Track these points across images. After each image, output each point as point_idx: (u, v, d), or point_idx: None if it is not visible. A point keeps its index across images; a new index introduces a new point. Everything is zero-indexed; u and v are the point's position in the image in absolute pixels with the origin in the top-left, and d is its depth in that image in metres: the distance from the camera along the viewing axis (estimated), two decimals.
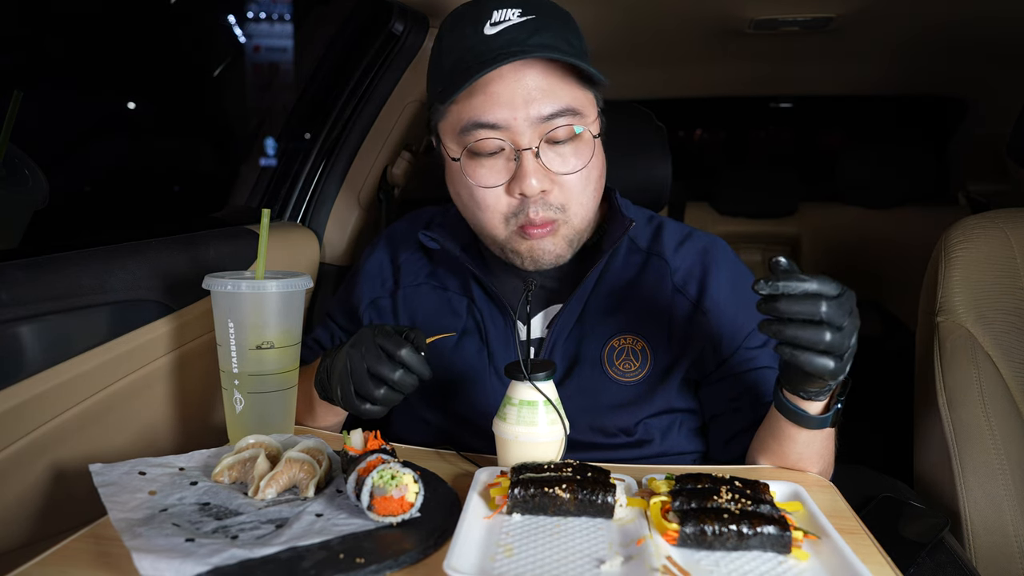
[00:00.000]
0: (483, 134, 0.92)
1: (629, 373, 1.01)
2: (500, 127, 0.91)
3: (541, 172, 0.92)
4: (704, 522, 0.67)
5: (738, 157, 3.45)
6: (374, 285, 1.15)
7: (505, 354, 1.04)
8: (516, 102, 0.90)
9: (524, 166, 0.91)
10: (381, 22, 1.54)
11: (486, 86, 0.91)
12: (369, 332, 0.89)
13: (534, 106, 0.90)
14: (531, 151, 0.91)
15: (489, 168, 0.94)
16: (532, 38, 0.90)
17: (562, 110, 0.92)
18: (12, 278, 0.89)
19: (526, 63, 0.91)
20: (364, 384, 0.87)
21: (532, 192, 0.92)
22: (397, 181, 1.68)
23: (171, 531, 0.66)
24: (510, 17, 0.91)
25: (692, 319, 1.02)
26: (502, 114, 0.91)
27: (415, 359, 0.86)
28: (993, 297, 1.26)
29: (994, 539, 1.16)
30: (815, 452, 0.90)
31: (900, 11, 1.60)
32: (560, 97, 0.92)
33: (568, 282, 1.05)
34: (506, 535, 0.70)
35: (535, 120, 0.91)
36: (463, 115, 0.93)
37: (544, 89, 0.91)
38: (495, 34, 0.90)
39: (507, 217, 0.96)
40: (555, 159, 0.94)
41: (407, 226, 1.19)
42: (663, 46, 1.93)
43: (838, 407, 0.85)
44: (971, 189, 2.48)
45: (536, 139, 0.92)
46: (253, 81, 3.66)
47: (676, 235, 1.09)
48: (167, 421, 1.10)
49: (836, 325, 0.72)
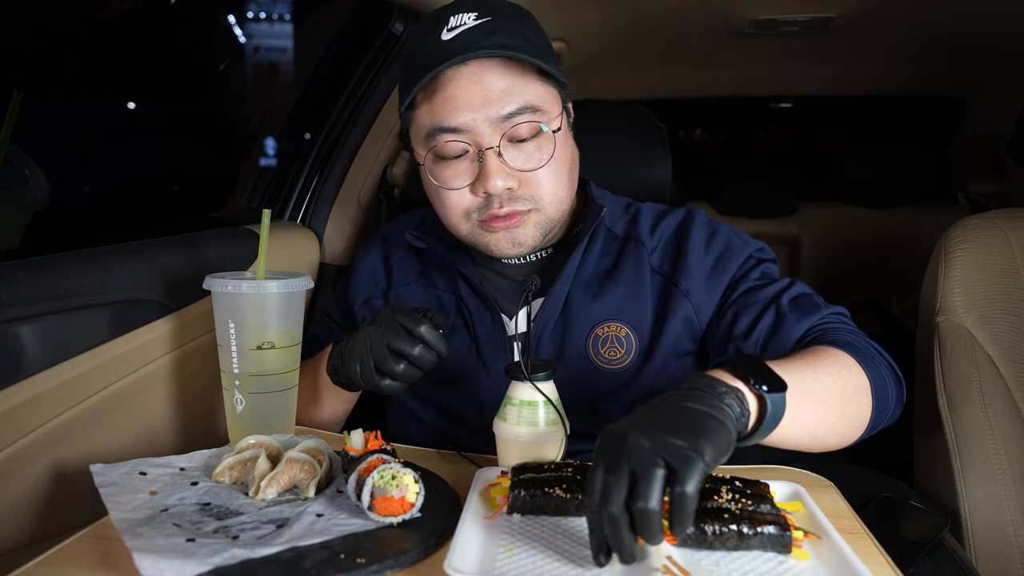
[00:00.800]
0: (445, 138, 0.94)
1: (615, 360, 1.02)
2: (461, 130, 0.93)
3: (505, 171, 0.94)
4: (704, 522, 0.67)
5: (738, 157, 3.45)
6: (367, 285, 1.18)
7: (494, 350, 1.05)
8: (475, 104, 0.92)
9: (487, 166, 0.93)
10: (381, 22, 1.54)
11: (445, 90, 0.93)
12: (389, 310, 0.90)
13: (493, 106, 0.92)
14: (493, 150, 0.93)
15: (454, 170, 0.97)
16: (487, 39, 0.91)
17: (522, 108, 0.93)
18: (12, 278, 0.89)
19: (482, 64, 0.92)
20: (384, 360, 0.88)
21: (496, 191, 0.94)
22: (397, 181, 1.68)
23: (172, 531, 0.66)
24: (466, 21, 0.93)
25: (671, 295, 1.03)
26: (462, 117, 0.92)
27: (434, 335, 0.87)
28: (993, 297, 1.26)
29: (994, 539, 1.16)
30: (798, 439, 0.80)
31: (900, 11, 1.60)
32: (519, 95, 0.93)
33: (548, 275, 1.06)
34: (507, 535, 0.70)
35: (495, 120, 0.93)
36: (425, 121, 0.96)
37: (503, 89, 0.93)
38: (451, 39, 0.92)
39: (468, 213, 0.98)
40: (518, 156, 0.95)
41: (400, 226, 1.21)
42: (663, 46, 1.93)
43: (765, 392, 0.69)
44: (971, 189, 2.49)
45: (497, 138, 0.93)
46: (253, 81, 3.66)
47: (652, 216, 1.11)
48: (167, 421, 1.10)
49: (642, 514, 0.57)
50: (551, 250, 1.09)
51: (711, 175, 2.77)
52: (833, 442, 0.84)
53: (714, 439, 0.60)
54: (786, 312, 0.96)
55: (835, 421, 0.81)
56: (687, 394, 0.65)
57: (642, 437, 0.58)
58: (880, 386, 0.86)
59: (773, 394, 0.69)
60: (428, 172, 0.99)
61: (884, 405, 0.87)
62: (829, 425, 0.81)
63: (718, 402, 0.64)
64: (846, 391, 0.82)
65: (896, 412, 0.92)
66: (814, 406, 0.78)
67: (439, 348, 0.88)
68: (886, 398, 0.87)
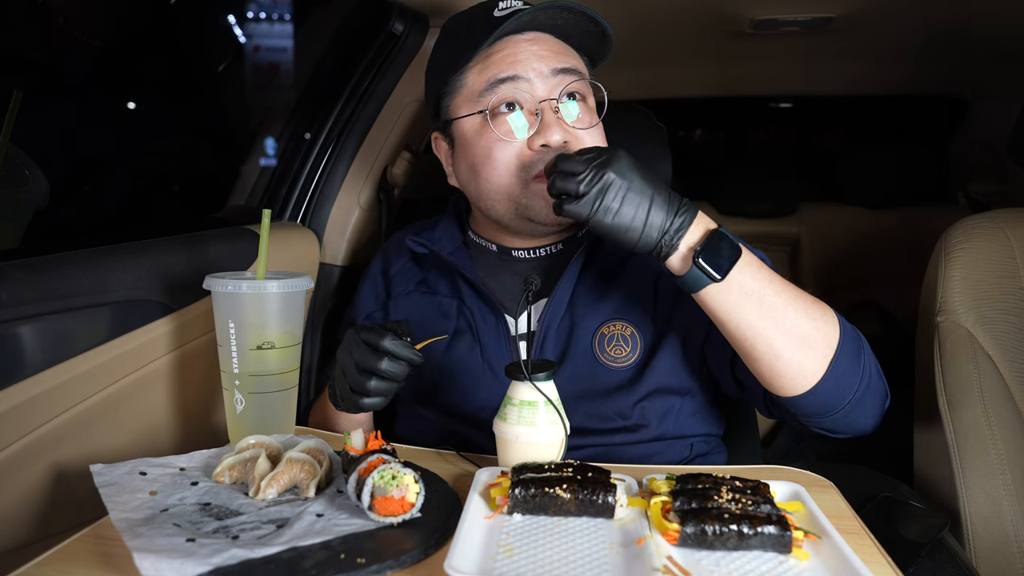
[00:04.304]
0: (504, 88, 0.99)
1: (620, 358, 1.02)
2: (522, 78, 0.98)
3: (562, 125, 0.99)
4: (705, 522, 0.67)
5: (738, 157, 3.44)
6: (368, 301, 1.20)
7: (498, 350, 1.05)
8: (531, 59, 0.99)
9: (546, 118, 0.98)
10: (381, 22, 1.54)
11: (503, 49, 1.00)
12: (353, 331, 0.91)
13: (548, 61, 0.99)
14: (551, 102, 0.98)
15: (511, 125, 0.99)
16: (540, 11, 0.97)
17: (575, 68, 1.01)
18: (12, 278, 0.89)
19: (538, 36, 1.01)
20: (356, 379, 0.89)
21: (556, 143, 0.98)
22: (397, 181, 1.68)
23: (172, 531, 0.66)
24: (514, 4, 1.00)
25: (676, 296, 1.03)
26: (521, 68, 0.98)
27: (397, 345, 0.87)
28: (993, 297, 1.26)
29: (994, 539, 1.17)
30: (759, 320, 0.84)
31: (900, 11, 1.60)
32: (573, 58, 1.03)
33: (554, 275, 1.07)
34: (507, 535, 0.70)
35: (551, 73, 0.99)
36: (480, 78, 1.00)
37: (555, 50, 1.01)
38: (503, 16, 0.98)
39: (521, 169, 0.99)
40: (571, 114, 1.00)
41: (399, 237, 1.22)
42: (663, 46, 1.93)
43: (699, 260, 0.81)
44: (971, 189, 2.49)
45: (555, 91, 0.99)
46: (253, 81, 3.66)
47: None
48: (168, 421, 1.10)
49: (570, 172, 0.82)
50: (561, 245, 1.09)
51: (711, 175, 2.77)
52: (780, 368, 0.86)
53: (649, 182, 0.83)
54: None
55: (781, 346, 0.85)
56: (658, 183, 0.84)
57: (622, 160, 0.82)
58: (849, 358, 0.87)
59: (704, 258, 0.82)
60: (478, 133, 1.01)
61: (849, 378, 0.87)
62: (772, 345, 0.85)
63: (674, 202, 0.83)
64: (801, 326, 0.85)
65: (881, 404, 0.93)
66: (761, 314, 0.84)
67: (407, 357, 0.88)
68: (854, 371, 0.88)
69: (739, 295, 0.84)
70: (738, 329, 0.86)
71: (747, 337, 0.85)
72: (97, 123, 2.34)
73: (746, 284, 0.84)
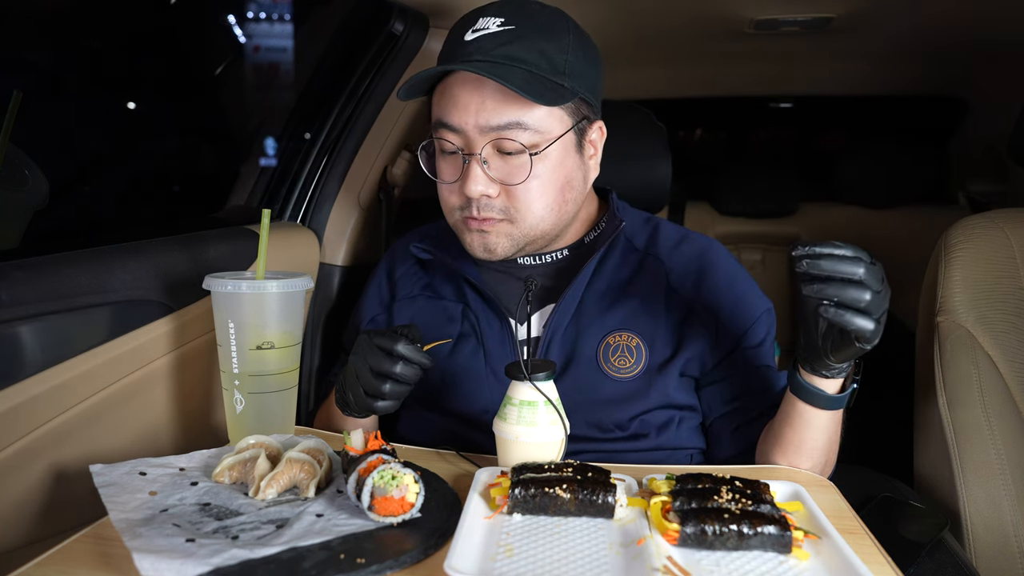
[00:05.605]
0: (443, 134, 0.98)
1: (624, 369, 1.02)
2: (456, 130, 0.96)
3: (485, 178, 0.96)
4: (705, 522, 0.67)
5: (738, 157, 3.44)
6: (372, 304, 1.20)
7: (502, 354, 1.06)
8: (471, 108, 0.94)
9: (468, 170, 0.96)
10: (381, 22, 1.54)
11: (452, 88, 0.96)
12: (366, 336, 0.92)
13: (484, 115, 0.94)
14: (477, 157, 0.95)
15: (448, 165, 1.01)
16: (498, 49, 0.93)
17: (512, 124, 0.94)
18: (12, 278, 0.89)
19: (484, 80, 0.94)
20: (371, 383, 0.90)
21: (473, 195, 0.96)
22: (397, 181, 1.68)
23: (172, 531, 0.66)
24: (489, 26, 0.95)
25: (687, 319, 1.04)
26: (458, 117, 0.95)
27: (411, 350, 0.89)
28: (993, 297, 1.26)
29: (994, 539, 1.16)
30: (829, 439, 0.92)
31: (900, 11, 1.60)
32: (514, 112, 0.94)
33: (564, 281, 1.07)
34: (507, 535, 0.70)
35: (484, 128, 0.94)
36: (435, 114, 1.00)
37: (499, 100, 0.93)
38: (470, 40, 0.95)
39: (453, 209, 1.02)
40: (502, 167, 0.97)
41: (405, 241, 1.23)
42: (663, 46, 1.93)
43: (855, 386, 0.87)
44: (971, 189, 2.48)
45: (483, 145, 0.95)
46: (253, 81, 3.66)
47: (673, 236, 1.12)
48: (167, 421, 1.10)
49: (874, 288, 0.74)
50: (566, 252, 1.09)
51: (711, 175, 2.76)
52: (803, 465, 0.95)
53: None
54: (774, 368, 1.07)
55: (834, 454, 0.97)
56: None
57: None
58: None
59: (855, 383, 0.88)
60: (438, 154, 1.03)
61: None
62: (834, 450, 0.96)
63: None
64: (834, 442, 0.96)
65: None
66: (839, 432, 0.94)
67: (420, 361, 0.90)
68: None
69: (836, 419, 0.91)
70: (812, 439, 0.91)
71: (805, 439, 0.91)
72: (97, 123, 2.34)
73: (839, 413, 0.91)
